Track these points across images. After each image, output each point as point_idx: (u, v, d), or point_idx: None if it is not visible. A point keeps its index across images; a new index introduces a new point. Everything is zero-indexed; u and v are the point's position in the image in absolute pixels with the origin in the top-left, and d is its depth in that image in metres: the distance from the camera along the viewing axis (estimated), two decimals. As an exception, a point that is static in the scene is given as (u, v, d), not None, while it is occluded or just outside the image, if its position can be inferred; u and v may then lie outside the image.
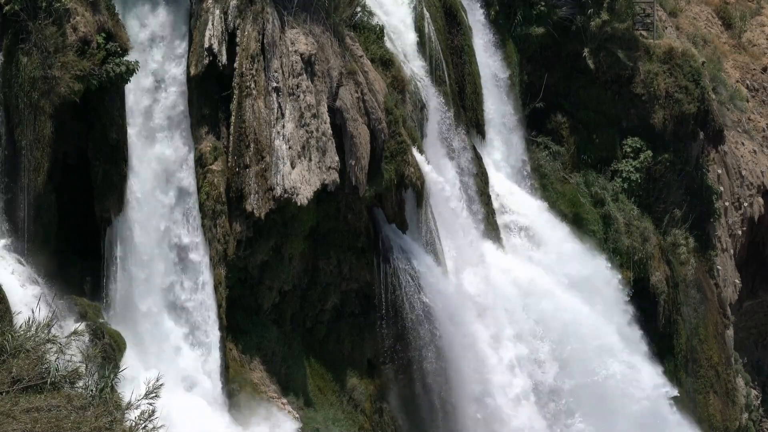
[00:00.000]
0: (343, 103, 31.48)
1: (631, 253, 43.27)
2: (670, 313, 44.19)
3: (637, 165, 44.51)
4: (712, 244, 47.41)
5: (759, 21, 57.80)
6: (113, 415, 13.50)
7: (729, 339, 48.25)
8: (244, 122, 29.83)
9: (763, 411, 51.68)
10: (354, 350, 33.33)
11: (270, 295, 31.56)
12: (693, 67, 45.84)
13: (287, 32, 30.98)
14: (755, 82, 55.14)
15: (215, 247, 29.59)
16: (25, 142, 25.87)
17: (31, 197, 26.07)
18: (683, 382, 44.16)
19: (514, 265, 38.21)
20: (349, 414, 32.52)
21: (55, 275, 26.11)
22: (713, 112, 46.44)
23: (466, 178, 37.30)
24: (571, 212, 42.49)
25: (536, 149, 43.16)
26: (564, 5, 43.01)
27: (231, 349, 30.31)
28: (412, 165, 33.37)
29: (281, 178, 29.90)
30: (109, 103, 27.19)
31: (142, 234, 28.51)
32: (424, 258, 34.14)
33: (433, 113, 36.45)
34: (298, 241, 31.76)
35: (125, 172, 27.69)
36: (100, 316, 27.03)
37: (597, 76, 44.61)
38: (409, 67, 36.16)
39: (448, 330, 33.96)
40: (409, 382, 34.08)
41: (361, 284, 33.39)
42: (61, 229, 27.30)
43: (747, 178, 50.87)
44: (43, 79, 25.89)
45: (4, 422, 12.75)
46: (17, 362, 13.68)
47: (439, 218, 35.02)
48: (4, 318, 22.86)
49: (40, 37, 25.82)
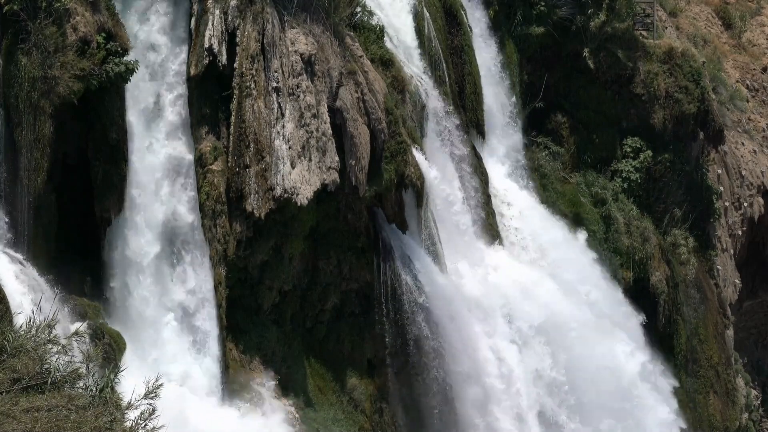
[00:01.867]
0: (343, 103, 31.47)
1: (631, 253, 43.27)
2: (670, 313, 44.19)
3: (637, 165, 44.51)
4: (712, 244, 47.40)
5: (759, 21, 57.80)
6: (113, 415, 13.49)
7: (729, 339, 48.24)
8: (244, 122, 29.83)
9: (763, 411, 51.68)
10: (354, 350, 33.33)
11: (270, 295, 31.56)
12: (693, 67, 45.83)
13: (287, 32, 30.98)
14: (755, 82, 55.14)
15: (215, 247, 29.59)
16: (25, 142, 25.88)
17: (31, 197, 26.08)
18: (683, 382, 44.15)
19: (513, 265, 38.19)
20: (349, 414, 32.51)
21: (55, 275, 26.12)
22: (713, 112, 46.44)
23: (466, 178, 37.29)
24: (571, 212, 42.49)
25: (536, 149, 43.16)
26: (564, 5, 43.01)
27: (231, 349, 30.31)
28: (412, 165, 33.37)
29: (281, 178, 29.90)
30: (109, 103, 27.21)
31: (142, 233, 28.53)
32: (424, 258, 34.14)
33: (433, 113, 36.44)
34: (298, 241, 31.75)
35: (125, 172, 27.71)
36: (100, 316, 27.05)
37: (597, 76, 44.60)
38: (409, 67, 36.16)
39: (447, 330, 33.95)
40: (409, 381, 34.07)
41: (361, 284, 33.38)
42: (61, 229, 27.31)
43: (747, 178, 50.86)
44: (43, 79, 25.90)
45: (4, 422, 12.75)
46: (18, 362, 13.67)
47: (439, 218, 35.03)
48: (4, 318, 22.86)
49: (40, 37, 25.83)
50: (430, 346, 33.65)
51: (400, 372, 34.00)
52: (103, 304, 27.75)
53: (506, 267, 37.73)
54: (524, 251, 39.56)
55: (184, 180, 29.48)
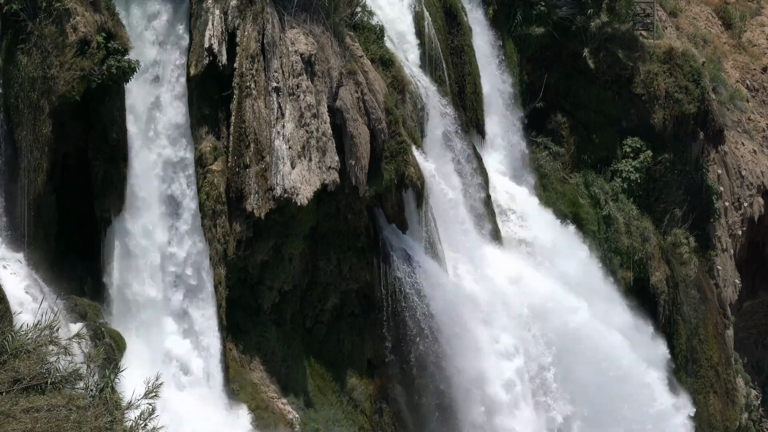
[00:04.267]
0: (343, 103, 31.47)
1: (631, 253, 43.27)
2: (670, 313, 44.19)
3: (637, 165, 44.50)
4: (712, 244, 47.40)
5: (759, 21, 57.80)
6: (113, 415, 13.50)
7: (729, 339, 48.24)
8: (244, 122, 29.83)
9: (763, 411, 51.68)
10: (354, 350, 33.32)
11: (270, 295, 31.56)
12: (693, 67, 45.83)
13: (287, 32, 30.97)
14: (755, 82, 55.14)
15: (215, 247, 29.59)
16: (25, 143, 25.88)
17: (31, 197, 26.08)
18: (683, 382, 44.15)
19: (513, 265, 38.19)
20: (349, 414, 32.50)
21: (55, 275, 26.12)
22: (713, 112, 46.44)
23: (466, 177, 37.29)
24: (571, 212, 42.50)
25: (536, 149, 43.17)
26: (564, 5, 43.01)
27: (231, 349, 30.31)
28: (412, 165, 33.37)
29: (281, 178, 29.89)
30: (109, 103, 27.19)
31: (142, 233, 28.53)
32: (424, 258, 34.13)
33: (433, 113, 36.45)
34: (298, 241, 31.75)
35: (125, 172, 27.70)
36: (100, 316, 27.04)
37: (597, 76, 44.60)
38: (409, 67, 36.16)
39: (447, 330, 33.95)
40: (409, 382, 34.07)
41: (361, 284, 33.38)
42: (61, 229, 27.30)
43: (747, 178, 50.85)
44: (43, 79, 25.88)
45: (5, 422, 12.75)
46: (19, 363, 13.68)
47: (439, 218, 35.02)
48: (5, 318, 22.88)
49: (40, 37, 25.82)
50: (430, 346, 33.65)
51: (400, 372, 34.00)
52: (102, 304, 27.74)
53: (506, 267, 37.73)
54: (524, 251, 39.56)
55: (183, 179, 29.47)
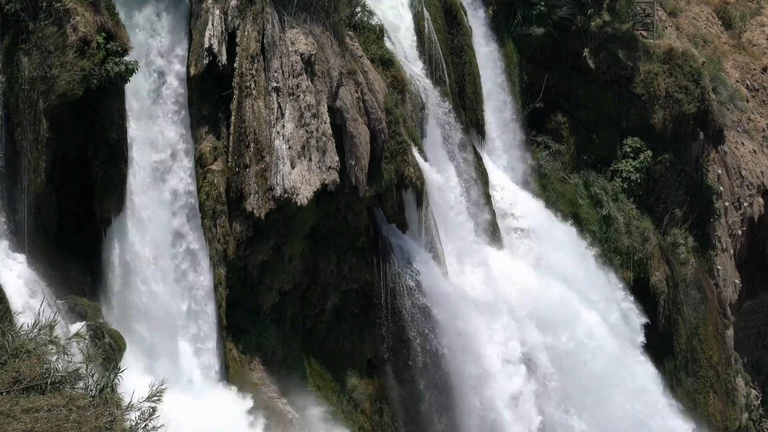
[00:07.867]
0: (343, 103, 31.47)
1: (631, 253, 43.27)
2: (670, 313, 44.20)
3: (637, 165, 44.52)
4: (712, 244, 47.41)
5: (759, 21, 57.78)
6: (113, 415, 13.50)
7: (729, 339, 48.24)
8: (244, 122, 29.83)
9: (763, 411, 51.67)
10: (354, 350, 33.32)
11: (270, 295, 31.56)
12: (693, 67, 45.84)
13: (287, 32, 30.97)
14: (755, 82, 55.13)
15: (215, 247, 29.59)
16: (25, 143, 25.87)
17: (31, 197, 26.06)
18: (683, 382, 44.16)
19: (514, 265, 38.21)
20: (349, 414, 32.51)
21: (55, 275, 26.11)
22: (713, 112, 46.44)
23: (466, 178, 37.30)
24: (570, 212, 42.50)
25: (536, 149, 43.17)
26: (564, 5, 43.01)
27: (231, 349, 30.31)
28: (412, 165, 33.37)
29: (281, 178, 29.89)
30: (108, 103, 27.18)
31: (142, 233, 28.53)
32: (424, 258, 34.14)
33: (433, 113, 36.45)
34: (298, 241, 31.76)
35: (125, 172, 27.69)
36: (100, 316, 27.03)
37: (597, 76, 44.61)
38: (409, 67, 36.16)
39: (448, 330, 33.95)
40: (409, 382, 34.07)
41: (361, 284, 33.38)
42: (61, 229, 27.29)
43: (747, 178, 50.85)
44: (43, 79, 25.87)
45: (5, 422, 12.75)
46: (20, 363, 13.68)
47: (439, 218, 35.03)
48: (5, 318, 22.87)
49: (40, 37, 25.81)
50: (430, 345, 33.65)
51: (400, 372, 34.00)
52: (102, 304, 27.73)
53: (506, 266, 37.74)
54: (524, 251, 39.56)
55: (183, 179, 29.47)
